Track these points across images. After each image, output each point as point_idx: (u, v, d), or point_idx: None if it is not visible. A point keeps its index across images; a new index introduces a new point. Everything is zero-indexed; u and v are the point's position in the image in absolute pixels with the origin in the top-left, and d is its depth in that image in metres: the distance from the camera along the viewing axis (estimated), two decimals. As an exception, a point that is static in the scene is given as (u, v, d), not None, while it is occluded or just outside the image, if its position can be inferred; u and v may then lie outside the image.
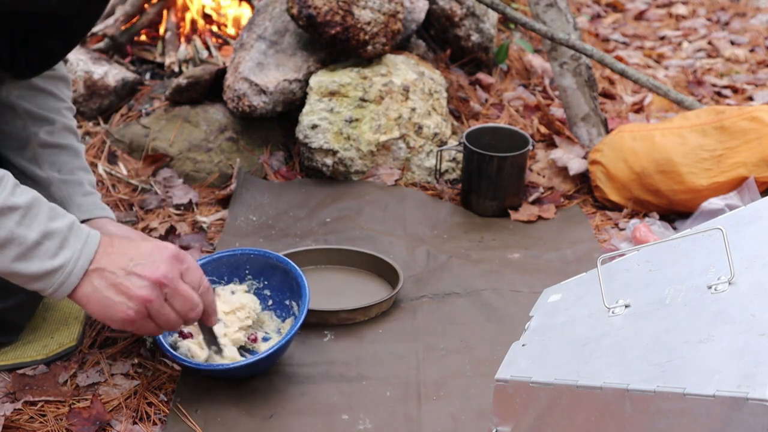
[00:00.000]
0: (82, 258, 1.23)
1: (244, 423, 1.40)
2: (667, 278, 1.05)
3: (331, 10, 2.16)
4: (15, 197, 1.19)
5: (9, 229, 1.18)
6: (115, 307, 1.25)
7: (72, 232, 1.23)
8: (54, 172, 1.54)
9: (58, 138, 1.56)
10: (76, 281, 1.23)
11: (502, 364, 1.05)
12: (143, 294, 1.25)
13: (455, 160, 2.25)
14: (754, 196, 1.95)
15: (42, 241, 1.20)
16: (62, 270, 1.22)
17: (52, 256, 1.21)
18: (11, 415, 1.40)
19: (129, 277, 1.25)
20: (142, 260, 1.26)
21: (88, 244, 1.24)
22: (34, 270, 1.21)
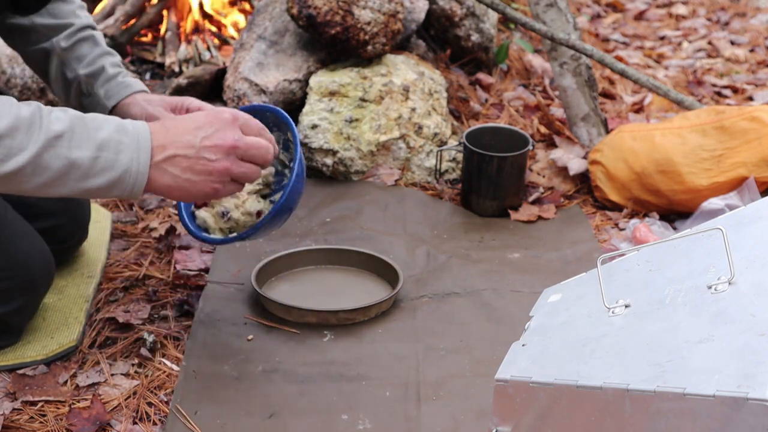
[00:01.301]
0: (141, 156, 1.23)
1: (244, 423, 1.40)
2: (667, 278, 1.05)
3: (331, 10, 2.16)
4: (54, 125, 1.19)
5: (64, 156, 1.19)
6: (198, 186, 1.26)
7: (122, 135, 1.23)
8: (77, 68, 1.57)
9: (77, 36, 1.59)
10: (144, 178, 1.23)
11: (502, 364, 1.05)
12: (222, 165, 1.26)
13: (455, 160, 2.25)
14: (754, 196, 1.95)
15: (98, 154, 1.20)
16: (128, 173, 1.22)
17: (112, 164, 1.21)
18: (11, 415, 1.40)
19: (202, 153, 1.25)
20: (207, 131, 1.25)
21: (141, 140, 1.23)
22: (102, 183, 1.21)
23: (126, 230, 1.97)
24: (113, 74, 1.58)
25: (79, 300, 1.68)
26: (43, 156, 1.18)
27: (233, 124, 1.28)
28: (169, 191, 1.26)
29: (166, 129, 1.26)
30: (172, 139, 1.24)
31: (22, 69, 2.41)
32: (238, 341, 1.60)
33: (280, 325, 1.65)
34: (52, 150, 1.18)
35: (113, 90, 1.56)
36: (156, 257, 1.86)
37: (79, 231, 1.77)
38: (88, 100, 1.57)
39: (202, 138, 1.25)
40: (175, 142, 1.24)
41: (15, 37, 1.62)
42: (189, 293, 1.74)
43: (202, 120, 1.26)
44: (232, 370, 1.53)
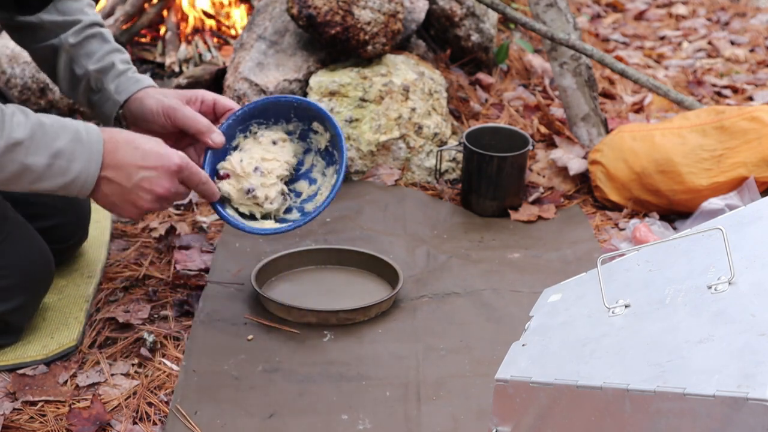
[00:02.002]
0: (91, 168, 1.34)
1: (244, 423, 1.40)
2: (667, 278, 1.05)
3: (331, 10, 2.16)
4: (15, 131, 1.27)
5: (19, 161, 1.27)
6: (122, 210, 1.40)
7: (77, 145, 1.32)
8: (87, 64, 1.60)
9: (85, 32, 1.61)
10: (90, 187, 1.35)
11: (502, 364, 1.05)
12: (148, 206, 1.40)
13: (455, 160, 2.25)
14: (754, 196, 1.95)
15: (52, 162, 1.30)
16: (76, 181, 1.33)
17: (64, 172, 1.32)
18: (11, 415, 1.40)
19: (136, 190, 1.37)
20: (148, 173, 1.37)
21: (93, 153, 1.34)
22: (52, 186, 1.33)
23: (126, 230, 1.97)
24: (123, 70, 1.60)
25: (79, 300, 1.68)
26: (1, 159, 1.26)
27: (174, 175, 1.39)
28: (103, 200, 1.40)
29: (117, 149, 1.36)
30: (118, 164, 1.36)
31: (22, 69, 2.41)
32: (238, 341, 1.60)
33: (280, 325, 1.65)
34: (9, 155, 1.27)
35: (124, 85, 1.59)
36: (156, 257, 1.86)
37: (79, 231, 1.77)
38: (98, 95, 1.59)
39: (141, 177, 1.37)
40: (118, 169, 1.36)
41: (23, 34, 1.63)
42: (189, 293, 1.74)
43: (149, 160, 1.37)
44: (232, 370, 1.53)
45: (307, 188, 1.61)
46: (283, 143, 1.59)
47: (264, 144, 1.57)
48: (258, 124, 1.58)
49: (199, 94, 1.58)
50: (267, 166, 1.55)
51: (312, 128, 1.59)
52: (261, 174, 1.53)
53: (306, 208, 1.59)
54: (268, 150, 1.57)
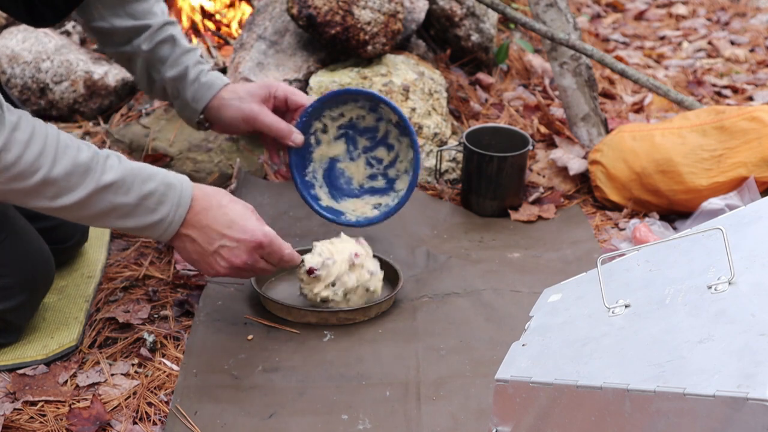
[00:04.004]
0: (178, 213, 1.39)
1: (244, 423, 1.40)
2: (667, 278, 1.05)
3: (331, 10, 2.16)
4: (107, 175, 1.31)
5: (108, 200, 1.33)
6: (200, 267, 1.46)
7: (168, 189, 1.37)
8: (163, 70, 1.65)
9: (157, 37, 1.64)
10: (174, 231, 1.40)
11: (502, 364, 1.05)
12: (224, 272, 1.46)
13: (455, 160, 2.25)
14: (754, 196, 1.95)
15: (140, 202, 1.35)
16: (162, 222, 1.38)
17: (151, 211, 1.37)
18: (11, 415, 1.40)
19: (214, 256, 1.43)
20: (229, 243, 1.43)
21: (182, 198, 1.39)
22: (137, 224, 1.37)
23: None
24: (196, 76, 1.66)
25: (79, 300, 1.68)
26: (91, 199, 1.31)
27: (255, 250, 1.45)
28: (178, 252, 1.46)
29: (205, 209, 1.40)
30: (203, 225, 1.40)
31: (22, 69, 2.41)
32: (238, 341, 1.60)
33: (280, 325, 1.65)
34: (99, 195, 1.31)
35: (199, 93, 1.66)
36: (156, 257, 1.86)
37: (78, 232, 1.77)
38: (177, 101, 1.68)
39: (221, 245, 1.42)
40: (202, 230, 1.41)
41: (99, 39, 1.67)
42: (189, 293, 1.74)
43: (234, 230, 1.42)
44: (232, 370, 1.53)
45: (386, 155, 1.85)
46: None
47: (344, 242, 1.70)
48: (330, 108, 1.78)
49: (272, 89, 1.66)
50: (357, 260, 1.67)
51: (379, 105, 1.80)
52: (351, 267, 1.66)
53: (389, 174, 1.86)
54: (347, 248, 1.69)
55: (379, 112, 1.82)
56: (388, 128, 1.84)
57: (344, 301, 1.66)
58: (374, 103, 1.81)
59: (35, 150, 1.26)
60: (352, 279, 1.66)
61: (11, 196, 1.30)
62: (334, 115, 1.82)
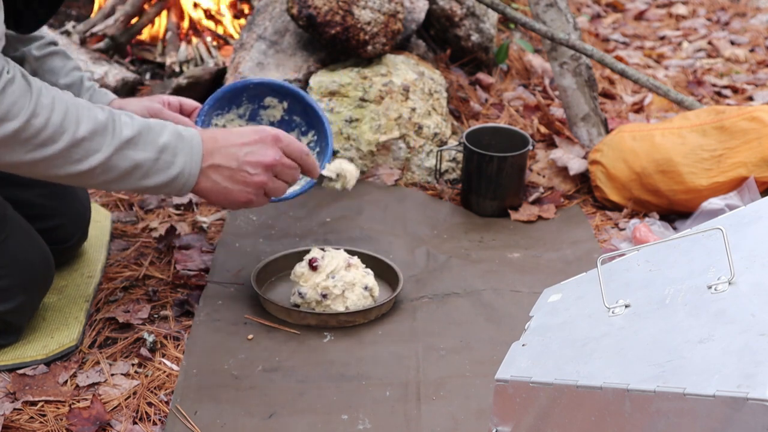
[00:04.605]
0: (194, 160, 1.38)
1: (244, 423, 1.40)
2: (667, 278, 1.05)
3: (331, 10, 2.16)
4: (125, 130, 1.32)
5: (130, 158, 1.33)
6: (235, 194, 1.43)
7: (179, 140, 1.38)
8: (54, 79, 1.65)
9: (48, 48, 1.66)
10: (194, 180, 1.40)
11: (502, 364, 1.04)
12: (259, 179, 1.43)
13: (455, 160, 2.25)
14: (754, 196, 1.95)
15: (159, 156, 1.35)
16: (181, 175, 1.38)
17: (169, 165, 1.36)
18: (11, 415, 1.40)
19: (244, 167, 1.42)
20: (251, 148, 1.42)
21: (194, 146, 1.39)
22: (158, 182, 1.37)
23: (126, 230, 1.97)
24: (90, 85, 1.69)
25: (79, 300, 1.68)
26: (113, 157, 1.31)
27: (275, 144, 1.44)
28: (208, 195, 1.43)
29: (215, 139, 1.41)
30: (219, 149, 1.40)
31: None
32: (238, 341, 1.60)
33: (280, 325, 1.65)
34: (121, 152, 1.32)
35: (96, 97, 1.67)
36: (156, 257, 1.86)
37: (78, 232, 1.77)
38: None
39: (246, 153, 1.41)
40: (221, 153, 1.40)
41: None
42: (189, 293, 1.74)
43: (248, 136, 1.43)
44: (232, 370, 1.53)
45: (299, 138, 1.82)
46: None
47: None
48: (216, 115, 1.75)
49: (164, 98, 1.69)
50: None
51: (262, 105, 1.80)
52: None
53: None
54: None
55: (260, 119, 1.81)
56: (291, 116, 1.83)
57: (342, 298, 1.66)
58: (255, 108, 1.80)
59: (60, 113, 1.27)
60: (350, 275, 1.68)
61: (41, 166, 1.29)
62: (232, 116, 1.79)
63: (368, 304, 1.69)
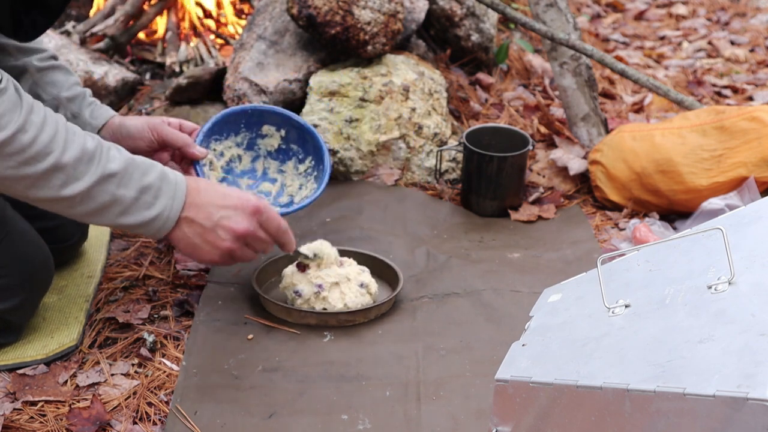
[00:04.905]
0: (174, 205, 1.39)
1: (244, 423, 1.40)
2: (667, 278, 1.05)
3: (331, 10, 2.16)
4: (111, 164, 1.32)
5: (111, 192, 1.33)
6: (202, 252, 1.44)
7: (163, 183, 1.38)
8: (56, 92, 1.65)
9: (49, 61, 1.66)
10: (171, 226, 1.40)
11: (502, 364, 1.05)
12: (227, 246, 1.44)
13: (455, 160, 2.25)
14: (754, 196, 1.95)
15: (139, 196, 1.35)
16: (159, 217, 1.38)
17: (149, 206, 1.37)
18: (11, 415, 1.40)
19: (216, 230, 1.42)
20: (227, 213, 1.43)
21: (177, 191, 1.39)
22: (135, 221, 1.37)
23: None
24: (93, 101, 1.69)
25: (79, 300, 1.68)
26: (94, 189, 1.31)
27: (253, 216, 1.45)
28: (177, 244, 1.43)
29: (198, 192, 1.42)
30: (198, 205, 1.41)
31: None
32: (238, 341, 1.60)
33: (280, 325, 1.65)
34: (103, 185, 1.32)
35: (97, 112, 1.67)
36: (156, 257, 1.86)
37: (78, 231, 1.78)
38: (74, 121, 1.65)
39: (221, 216, 1.42)
40: (200, 209, 1.41)
41: None
42: (189, 293, 1.74)
43: (229, 200, 1.44)
44: (232, 370, 1.53)
45: (272, 187, 1.82)
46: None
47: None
48: (215, 140, 1.77)
49: (164, 119, 1.70)
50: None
51: (260, 134, 1.81)
52: None
53: (281, 201, 1.81)
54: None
55: (257, 147, 1.82)
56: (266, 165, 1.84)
57: (339, 291, 1.66)
58: (253, 137, 1.81)
59: (49, 133, 1.27)
60: (342, 270, 1.70)
61: (20, 184, 1.29)
62: (230, 143, 1.80)
63: (368, 303, 1.69)
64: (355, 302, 1.67)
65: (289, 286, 1.69)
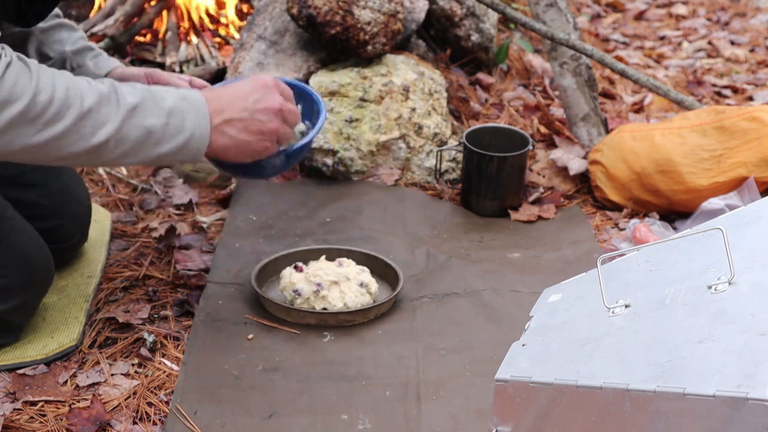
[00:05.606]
0: (203, 120, 1.35)
1: (244, 423, 1.40)
2: (667, 278, 1.05)
3: (331, 10, 2.16)
4: (129, 98, 1.30)
5: (139, 125, 1.30)
6: (254, 145, 1.40)
7: (184, 102, 1.35)
8: (62, 48, 1.64)
9: (53, 20, 1.65)
10: (207, 140, 1.35)
11: (502, 364, 1.04)
12: (273, 126, 1.40)
13: (455, 160, 2.25)
14: (754, 196, 1.95)
15: (168, 121, 1.32)
16: (192, 137, 1.34)
17: (180, 129, 1.33)
18: (11, 415, 1.40)
19: (256, 116, 1.39)
20: (257, 95, 1.39)
21: (200, 106, 1.35)
22: (172, 147, 1.33)
23: (126, 230, 1.97)
24: (98, 52, 1.67)
25: (79, 300, 1.68)
26: (124, 127, 1.28)
27: (276, 89, 1.41)
28: (226, 151, 1.38)
29: (219, 96, 1.38)
30: (227, 105, 1.37)
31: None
32: (238, 341, 1.60)
33: (280, 325, 1.65)
34: (130, 121, 1.29)
35: (102, 62, 1.65)
36: (156, 257, 1.86)
37: (78, 232, 1.77)
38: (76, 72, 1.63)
39: (254, 101, 1.38)
40: (230, 107, 1.37)
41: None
42: (189, 293, 1.74)
43: (250, 86, 1.40)
44: (232, 370, 1.53)
45: None
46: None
47: None
48: None
49: (174, 74, 1.66)
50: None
51: None
52: None
53: None
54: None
55: None
56: None
57: (338, 290, 1.67)
58: None
59: (62, 88, 1.26)
60: (341, 269, 1.70)
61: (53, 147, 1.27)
62: None
63: (367, 303, 1.69)
64: (354, 302, 1.67)
65: (288, 286, 1.69)
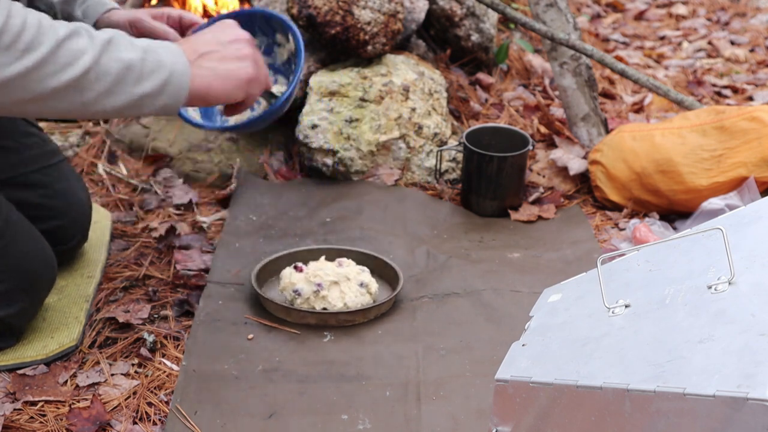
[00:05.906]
0: (178, 56, 1.29)
1: (244, 423, 1.40)
2: (667, 278, 1.05)
3: (331, 10, 2.16)
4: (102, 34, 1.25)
5: (119, 57, 1.24)
6: (237, 72, 1.34)
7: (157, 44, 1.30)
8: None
9: None
10: (188, 76, 1.30)
11: (502, 364, 1.04)
12: (248, 52, 1.36)
13: (455, 160, 2.25)
14: (754, 196, 1.95)
15: (145, 56, 1.26)
16: (174, 73, 1.28)
17: (159, 64, 1.27)
18: (11, 415, 1.40)
19: (230, 45, 1.35)
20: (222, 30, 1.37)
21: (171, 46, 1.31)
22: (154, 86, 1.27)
23: (126, 230, 1.97)
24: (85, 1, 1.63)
25: (79, 300, 1.68)
26: (102, 58, 1.23)
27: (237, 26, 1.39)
28: (210, 86, 1.32)
29: (189, 41, 1.36)
30: (198, 43, 1.34)
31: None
32: (238, 341, 1.60)
33: (280, 325, 1.65)
34: (107, 53, 1.24)
35: (90, 9, 1.62)
36: (156, 257, 1.86)
37: (79, 233, 1.77)
38: None
39: (221, 33, 1.36)
40: (201, 44, 1.34)
41: None
42: (189, 293, 1.74)
43: (215, 28, 1.38)
44: (232, 370, 1.53)
45: None
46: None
47: None
48: None
49: (165, 9, 1.62)
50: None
51: (276, 41, 1.66)
52: None
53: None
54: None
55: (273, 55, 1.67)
56: (275, 78, 1.69)
57: (338, 291, 1.67)
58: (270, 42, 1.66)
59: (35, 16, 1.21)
60: (342, 269, 1.70)
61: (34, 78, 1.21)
62: None
63: (367, 303, 1.69)
64: (354, 302, 1.67)
65: (288, 286, 1.69)
